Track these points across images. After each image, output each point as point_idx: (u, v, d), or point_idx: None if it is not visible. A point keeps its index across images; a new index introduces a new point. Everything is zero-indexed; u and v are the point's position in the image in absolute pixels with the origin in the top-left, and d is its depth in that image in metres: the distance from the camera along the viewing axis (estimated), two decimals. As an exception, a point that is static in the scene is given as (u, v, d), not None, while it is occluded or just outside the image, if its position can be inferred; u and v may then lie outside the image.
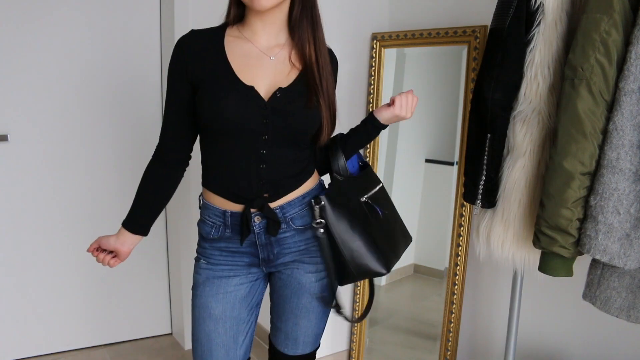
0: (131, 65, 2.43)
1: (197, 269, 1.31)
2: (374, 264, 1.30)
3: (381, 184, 1.37)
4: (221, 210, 1.25)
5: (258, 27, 1.22)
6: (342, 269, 1.29)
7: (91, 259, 2.46)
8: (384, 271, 1.30)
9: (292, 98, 1.20)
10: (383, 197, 1.37)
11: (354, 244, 1.28)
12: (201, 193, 1.32)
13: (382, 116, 1.32)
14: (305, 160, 1.29)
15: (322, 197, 1.25)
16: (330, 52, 1.33)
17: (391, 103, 1.31)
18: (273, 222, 1.23)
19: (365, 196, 1.31)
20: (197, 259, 1.33)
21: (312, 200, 1.25)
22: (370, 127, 1.35)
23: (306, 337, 1.36)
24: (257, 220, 1.23)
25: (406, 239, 1.44)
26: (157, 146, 1.31)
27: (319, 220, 1.25)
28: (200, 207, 1.32)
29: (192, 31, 1.24)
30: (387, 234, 1.34)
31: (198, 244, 1.33)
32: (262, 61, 1.22)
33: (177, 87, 1.24)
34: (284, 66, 1.23)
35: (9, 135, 2.24)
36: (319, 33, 1.25)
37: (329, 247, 1.27)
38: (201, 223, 1.31)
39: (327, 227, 1.26)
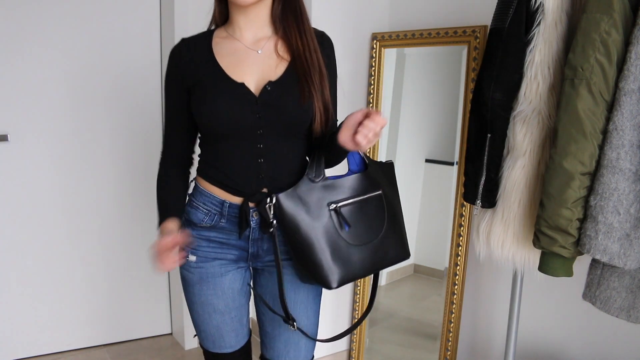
0: (131, 65, 2.43)
1: (187, 267, 1.29)
2: (324, 275, 1.18)
3: (379, 192, 1.27)
4: (220, 199, 1.24)
5: (242, 23, 1.22)
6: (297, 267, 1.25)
7: (91, 259, 2.47)
8: (332, 285, 1.18)
9: (283, 91, 1.19)
10: (372, 206, 1.26)
11: (309, 249, 1.17)
12: (194, 179, 1.32)
13: (346, 146, 1.14)
14: (305, 156, 1.28)
15: (279, 196, 1.17)
16: (322, 36, 1.28)
17: (356, 141, 1.10)
18: (265, 221, 1.21)
19: (337, 205, 1.21)
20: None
21: (267, 198, 1.18)
22: (338, 152, 1.20)
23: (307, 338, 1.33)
24: (254, 215, 1.23)
25: (398, 254, 1.30)
26: (162, 152, 1.33)
27: (270, 220, 1.18)
28: (190, 193, 1.32)
29: (183, 40, 1.27)
30: (356, 249, 1.22)
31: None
32: (250, 56, 1.22)
33: (174, 95, 1.26)
34: (272, 59, 1.22)
35: (8, 135, 2.24)
36: (304, 25, 1.23)
37: (283, 248, 1.22)
38: (192, 209, 1.28)
39: (282, 227, 1.19)
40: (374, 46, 2.17)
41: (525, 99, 1.36)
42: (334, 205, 1.21)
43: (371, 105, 2.18)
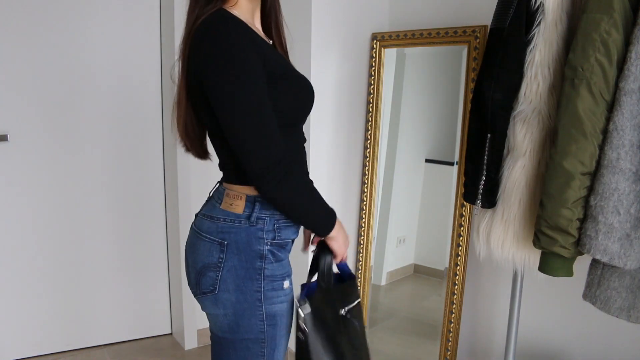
0: (131, 66, 2.43)
1: (279, 299, 1.14)
2: None
3: (359, 299, 1.26)
4: None
5: (253, 10, 1.17)
6: None
7: (91, 259, 2.47)
8: None
9: None
10: (359, 313, 1.25)
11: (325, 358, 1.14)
12: (255, 204, 1.11)
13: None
14: None
15: (306, 306, 1.13)
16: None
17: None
18: None
19: (346, 309, 1.19)
20: (278, 285, 1.13)
21: (297, 302, 1.13)
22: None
23: None
24: None
25: None
26: (283, 158, 1.04)
27: (302, 327, 1.12)
28: (261, 207, 1.11)
29: (241, 21, 1.08)
30: (357, 351, 1.22)
31: (274, 260, 1.12)
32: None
33: (262, 79, 1.03)
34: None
35: (8, 135, 2.24)
36: (282, 18, 1.26)
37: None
38: (283, 226, 1.13)
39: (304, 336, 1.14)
40: (374, 46, 2.17)
41: (525, 98, 1.36)
42: (344, 310, 1.19)
43: (371, 105, 2.18)
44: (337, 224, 1.16)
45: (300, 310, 1.12)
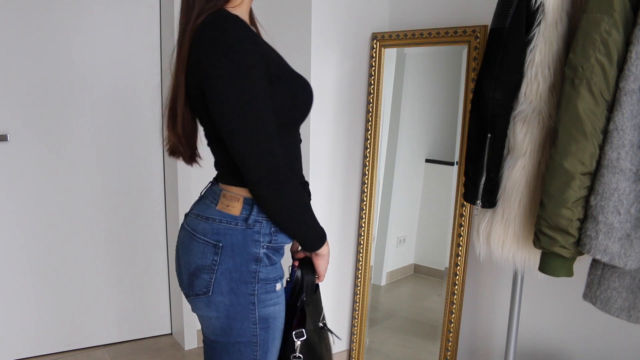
0: (131, 67, 2.43)
1: (272, 301, 1.12)
2: None
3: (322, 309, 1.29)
4: None
5: (248, 9, 1.16)
6: None
7: (91, 258, 2.47)
8: None
9: None
10: (324, 318, 1.30)
11: None
12: (253, 207, 1.09)
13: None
14: None
15: (301, 332, 1.16)
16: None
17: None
18: None
19: (323, 320, 1.24)
20: (271, 288, 1.12)
21: (293, 334, 1.15)
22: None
23: None
24: None
25: None
26: (279, 166, 1.03)
27: (298, 355, 1.16)
28: (257, 211, 1.09)
29: (240, 19, 1.05)
30: (329, 354, 1.29)
31: (269, 263, 1.11)
32: None
33: (265, 84, 1.01)
34: None
35: (8, 135, 2.24)
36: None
37: None
38: (280, 232, 1.12)
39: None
40: (374, 46, 2.17)
41: (525, 98, 1.36)
42: (322, 322, 1.24)
43: (371, 105, 2.18)
44: (327, 244, 1.17)
45: (295, 339, 1.15)
